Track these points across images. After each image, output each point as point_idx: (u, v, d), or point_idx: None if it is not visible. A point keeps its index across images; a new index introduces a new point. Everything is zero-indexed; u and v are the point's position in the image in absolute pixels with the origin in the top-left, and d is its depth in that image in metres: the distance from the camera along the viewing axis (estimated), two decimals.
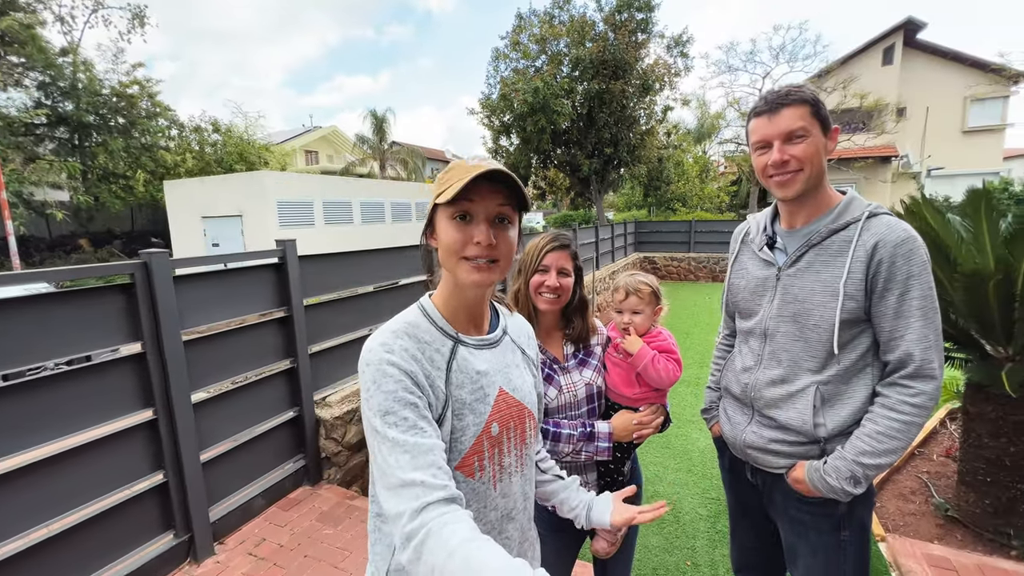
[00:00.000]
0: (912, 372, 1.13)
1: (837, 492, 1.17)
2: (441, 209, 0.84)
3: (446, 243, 0.84)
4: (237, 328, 2.68)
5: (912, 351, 1.12)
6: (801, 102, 1.15)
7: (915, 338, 1.12)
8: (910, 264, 1.12)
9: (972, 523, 2.74)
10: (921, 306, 1.12)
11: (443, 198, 0.81)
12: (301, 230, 11.71)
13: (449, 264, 0.85)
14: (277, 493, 2.91)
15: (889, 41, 20.24)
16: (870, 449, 1.14)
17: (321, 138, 30.37)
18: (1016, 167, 22.99)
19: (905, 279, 1.12)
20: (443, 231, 0.84)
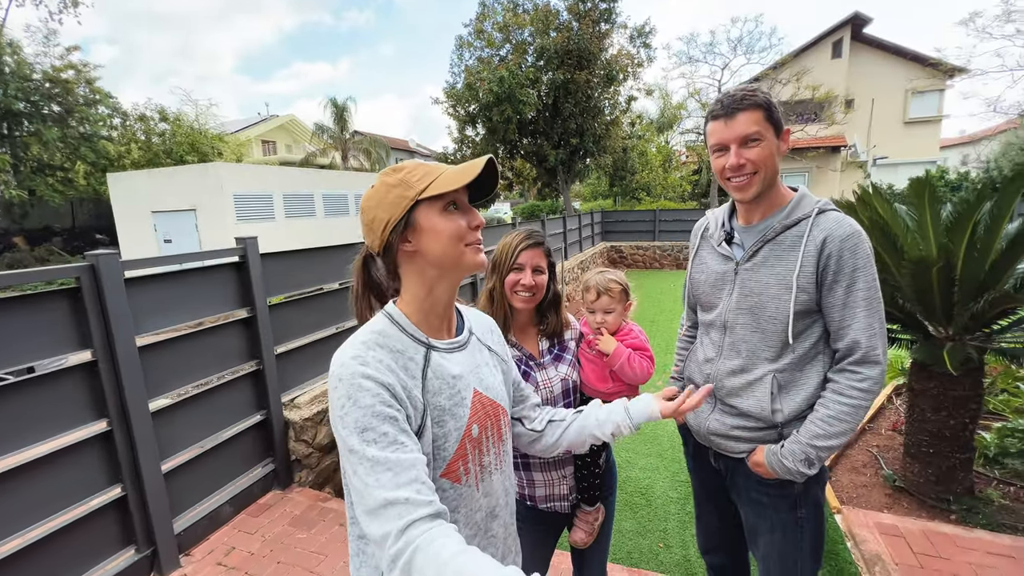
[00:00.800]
0: (859, 359, 1.20)
1: (793, 473, 1.24)
2: (426, 205, 0.82)
3: (450, 232, 0.83)
4: (197, 331, 2.56)
5: (859, 339, 1.20)
6: (755, 107, 1.20)
7: (861, 327, 1.20)
8: (856, 257, 1.19)
9: (917, 492, 2.95)
10: (866, 297, 1.20)
11: (439, 188, 0.80)
12: (260, 224, 11.25)
13: (453, 253, 0.84)
14: (246, 499, 2.82)
15: (838, 35, 21.12)
16: (822, 432, 1.21)
17: (279, 127, 29.18)
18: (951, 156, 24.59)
19: (851, 271, 1.20)
20: (439, 223, 0.83)
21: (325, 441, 3.17)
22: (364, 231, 0.87)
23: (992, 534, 2.57)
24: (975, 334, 2.69)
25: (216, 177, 10.67)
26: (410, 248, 0.85)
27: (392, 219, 0.83)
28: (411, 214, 0.83)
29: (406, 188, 0.82)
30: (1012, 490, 3.00)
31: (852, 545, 2.54)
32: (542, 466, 1.38)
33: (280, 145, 29.13)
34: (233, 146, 18.30)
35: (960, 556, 2.39)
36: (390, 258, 0.87)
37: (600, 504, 1.47)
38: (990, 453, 3.28)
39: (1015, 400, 3.81)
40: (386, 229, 0.84)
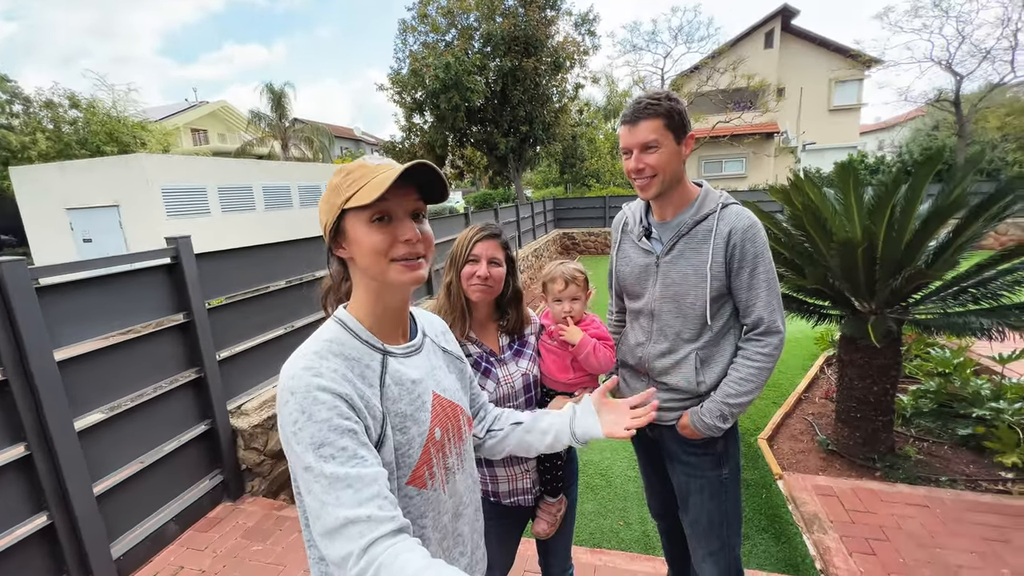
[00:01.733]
0: (764, 330, 1.39)
1: (711, 428, 1.42)
2: (354, 214, 0.78)
3: (370, 246, 0.78)
4: (128, 340, 2.37)
5: (762, 315, 1.38)
6: (655, 115, 1.31)
7: (763, 304, 1.38)
8: (755, 245, 1.36)
9: (847, 453, 3.22)
10: (766, 279, 1.38)
11: (358, 200, 0.75)
12: (194, 220, 10.51)
13: (376, 269, 0.80)
14: (193, 514, 2.66)
15: (769, 26, 22.18)
16: (734, 392, 1.40)
17: (209, 115, 27.25)
18: (869, 141, 26.63)
19: (753, 258, 1.37)
20: (363, 235, 0.78)
21: (277, 448, 3.03)
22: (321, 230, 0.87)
23: (910, 487, 2.86)
24: (894, 307, 2.95)
25: (141, 169, 9.82)
26: (345, 254, 0.83)
27: (327, 225, 0.82)
28: (340, 222, 0.80)
29: (336, 195, 0.79)
30: (925, 445, 3.34)
31: (793, 508, 2.74)
32: (505, 461, 1.39)
33: (212, 134, 27.25)
34: (158, 135, 16.89)
35: (885, 509, 2.64)
36: (337, 259, 0.87)
37: (563, 495, 1.49)
38: (907, 414, 3.64)
39: (926, 364, 4.23)
40: (326, 233, 0.83)
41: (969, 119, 17.96)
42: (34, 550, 2.00)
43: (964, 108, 17.79)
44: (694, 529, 1.56)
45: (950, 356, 4.03)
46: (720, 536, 1.53)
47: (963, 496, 2.75)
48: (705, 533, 1.53)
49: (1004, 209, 2.64)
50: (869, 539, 2.44)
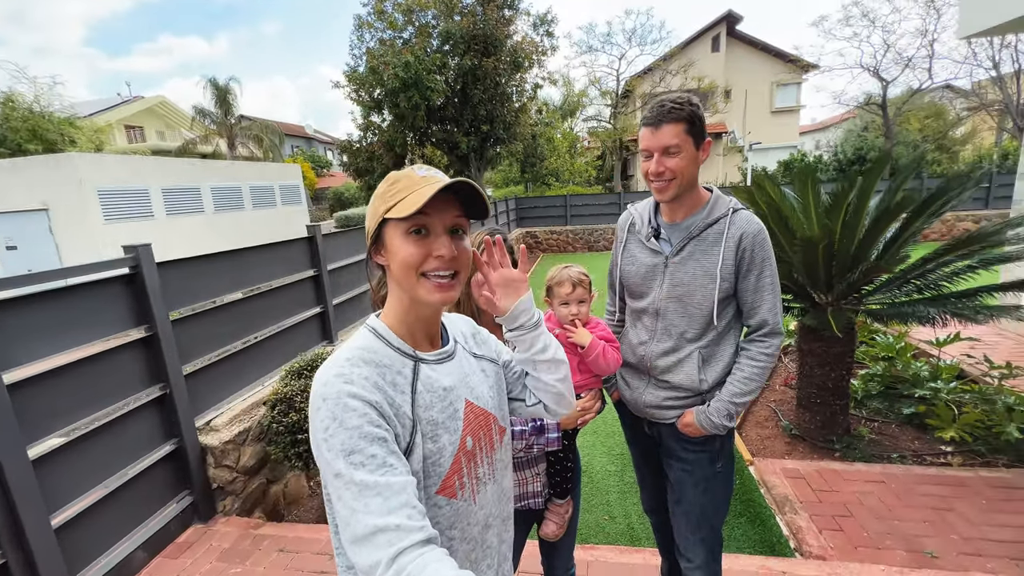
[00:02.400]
0: (768, 332, 1.46)
1: (718, 427, 1.47)
2: (393, 224, 0.80)
3: (403, 259, 0.79)
4: (85, 358, 2.19)
5: (767, 317, 1.45)
6: (678, 120, 1.35)
7: (768, 307, 1.45)
8: (763, 250, 1.43)
9: (809, 437, 3.43)
10: (771, 282, 1.45)
11: (396, 212, 0.77)
12: (136, 223, 9.80)
13: (407, 282, 0.81)
14: (161, 540, 2.50)
15: (716, 31, 23.19)
16: (739, 391, 1.46)
17: (146, 111, 25.51)
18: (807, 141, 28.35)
19: (761, 262, 1.43)
20: (398, 247, 0.80)
21: (251, 462, 2.90)
22: None
23: (867, 465, 3.08)
24: (849, 299, 3.17)
25: (73, 170, 9.05)
26: (383, 261, 0.85)
27: (369, 230, 0.84)
28: (381, 229, 0.83)
29: (381, 202, 0.81)
30: (876, 425, 3.61)
31: (765, 491, 2.89)
32: (516, 466, 1.39)
33: (149, 131, 25.53)
34: (89, 133, 15.64)
35: (847, 487, 2.84)
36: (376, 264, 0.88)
37: (569, 497, 1.52)
38: (858, 397, 3.92)
39: (872, 350, 4.57)
40: (368, 238, 0.85)
41: (894, 121, 19.51)
42: None
43: (890, 111, 19.31)
44: (687, 519, 1.61)
45: (893, 342, 4.37)
46: (711, 523, 1.60)
47: (912, 470, 2.99)
48: (697, 522, 1.60)
49: (944, 205, 2.90)
50: (836, 516, 2.61)
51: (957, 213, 12.62)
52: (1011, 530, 2.44)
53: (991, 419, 3.23)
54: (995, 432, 3.17)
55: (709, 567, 1.61)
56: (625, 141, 21.87)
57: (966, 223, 12.40)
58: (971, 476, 2.88)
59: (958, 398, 3.52)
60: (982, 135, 21.96)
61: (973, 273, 2.99)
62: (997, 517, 2.53)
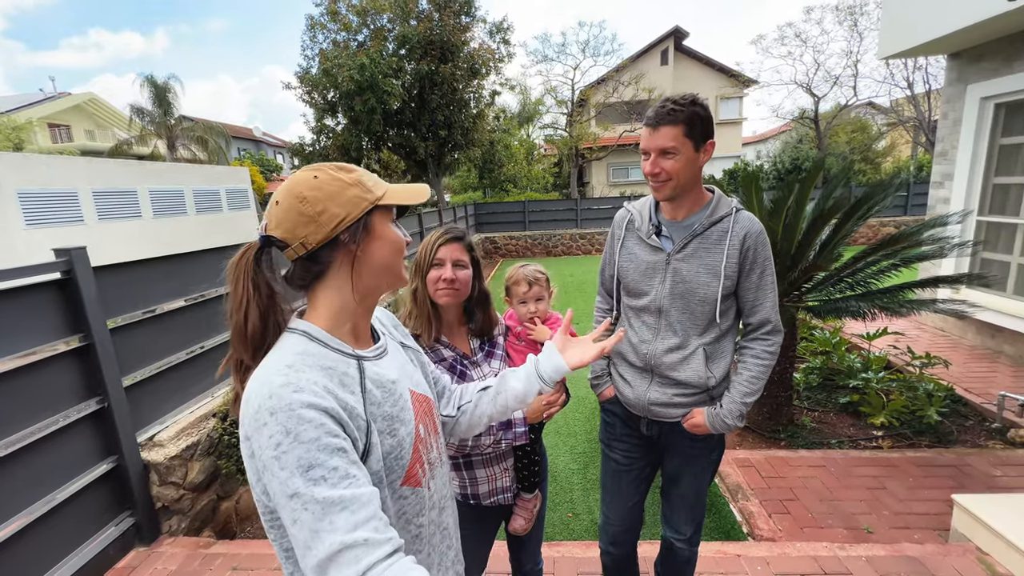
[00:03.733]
0: (770, 329, 1.50)
1: (730, 428, 1.51)
2: (381, 212, 0.82)
3: (398, 244, 0.84)
4: (8, 371, 2.01)
5: (769, 315, 1.49)
6: (675, 122, 1.34)
7: (770, 305, 1.49)
8: (766, 249, 1.46)
9: (757, 428, 3.63)
10: (772, 280, 1.48)
11: (398, 199, 0.82)
12: (64, 229, 9.06)
13: (396, 265, 0.85)
14: (99, 567, 2.32)
15: (664, 45, 24.26)
16: (748, 390, 1.49)
17: (73, 108, 23.65)
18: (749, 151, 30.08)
19: (763, 261, 1.46)
20: (391, 234, 0.83)
21: (199, 478, 2.74)
22: (298, 222, 0.75)
23: (809, 451, 3.30)
24: (791, 297, 3.39)
25: None
26: (356, 251, 0.79)
27: (350, 217, 0.77)
28: (368, 217, 0.80)
29: (365, 190, 0.79)
30: (816, 414, 3.87)
31: (719, 480, 3.03)
32: (484, 462, 1.40)
33: (77, 130, 23.68)
34: (6, 130, 14.34)
35: (793, 473, 3.02)
36: (326, 258, 0.78)
37: (537, 490, 1.54)
38: (800, 388, 4.18)
39: (811, 345, 4.89)
40: (339, 225, 0.76)
41: (825, 134, 21.08)
42: None
43: (821, 125, 20.85)
44: (683, 500, 1.66)
45: (829, 336, 4.71)
46: (702, 502, 1.68)
47: (849, 454, 3.23)
48: (691, 505, 1.67)
49: (869, 210, 3.16)
50: (783, 500, 2.78)
51: (881, 219, 13.76)
52: (933, 503, 2.68)
53: (914, 404, 3.54)
54: (918, 416, 3.48)
55: (695, 538, 1.70)
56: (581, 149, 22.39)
57: (888, 228, 13.54)
58: (899, 457, 3.15)
59: (886, 387, 3.83)
60: (900, 148, 24.09)
61: (896, 271, 3.28)
62: (921, 492, 2.78)
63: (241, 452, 0.71)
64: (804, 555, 2.23)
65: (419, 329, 1.34)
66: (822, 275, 3.34)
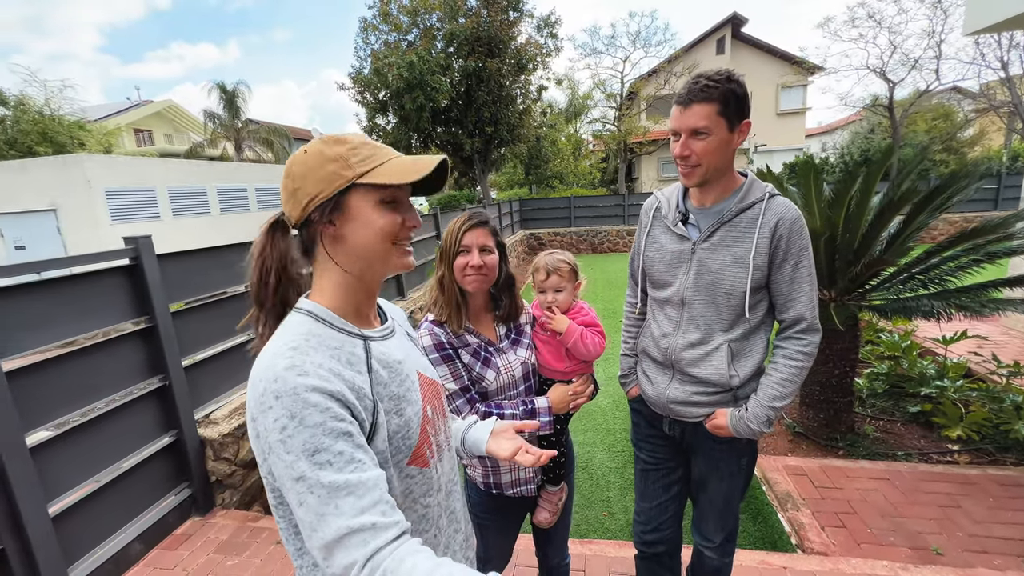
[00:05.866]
0: (805, 328, 1.36)
1: (756, 434, 1.39)
2: (363, 191, 0.75)
3: (381, 227, 0.76)
4: (85, 347, 2.20)
5: (804, 312, 1.35)
6: (709, 99, 1.24)
7: (805, 300, 1.35)
8: (802, 238, 1.32)
9: (812, 435, 3.39)
10: (809, 273, 1.34)
11: (382, 178, 0.73)
12: (143, 224, 9.90)
13: (378, 251, 0.77)
14: (159, 532, 2.50)
15: (720, 33, 23.15)
16: (778, 394, 1.36)
17: (155, 114, 25.77)
18: (813, 143, 28.22)
19: (798, 251, 1.32)
20: (373, 216, 0.75)
21: (249, 457, 2.90)
22: (284, 196, 0.77)
23: (871, 462, 3.04)
24: (852, 294, 3.13)
25: (81, 171, 9.17)
26: (333, 232, 0.76)
27: (320, 195, 0.73)
28: (343, 196, 0.74)
29: (343, 166, 0.73)
30: (881, 424, 3.57)
31: (767, 488, 2.86)
32: None
33: (158, 134, 25.79)
34: (98, 136, 15.82)
35: (850, 484, 2.80)
36: (306, 235, 0.79)
37: (564, 484, 1.50)
38: (863, 395, 3.87)
39: (877, 349, 4.51)
40: (311, 204, 0.74)
41: (901, 123, 19.36)
42: None
43: (897, 113, 19.17)
44: (711, 504, 1.57)
45: (898, 340, 4.32)
46: (733, 510, 1.57)
47: (918, 468, 2.95)
48: (720, 511, 1.56)
49: (946, 201, 2.86)
50: (839, 513, 2.57)
51: (965, 215, 12.50)
52: (1018, 527, 2.39)
53: (999, 417, 3.18)
54: (1003, 430, 3.12)
55: (726, 547, 1.59)
56: (630, 143, 21.84)
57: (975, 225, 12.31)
58: (978, 474, 2.83)
59: (965, 396, 3.47)
60: (991, 137, 21.74)
61: (978, 268, 2.95)
62: (1004, 515, 2.49)
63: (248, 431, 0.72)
64: (860, 572, 2.05)
65: (445, 316, 1.33)
66: (889, 271, 3.06)
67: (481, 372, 1.31)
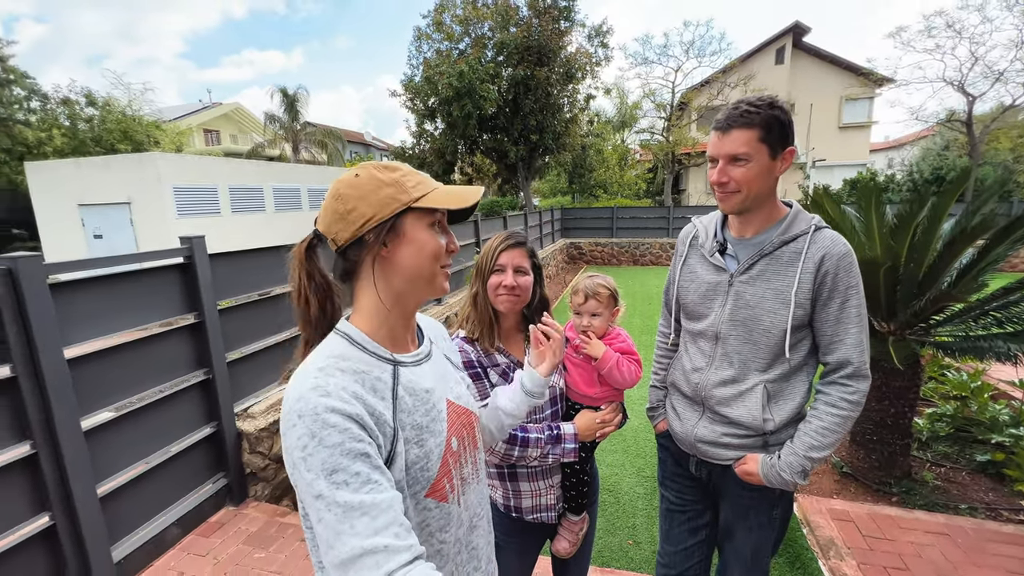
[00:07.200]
0: (851, 373, 1.25)
1: (789, 484, 1.29)
2: (417, 215, 0.79)
3: (432, 249, 0.80)
4: (138, 339, 2.34)
5: (851, 355, 1.24)
6: (749, 125, 1.19)
7: (853, 342, 1.24)
8: (850, 276, 1.23)
9: (862, 477, 3.14)
10: (858, 313, 1.24)
11: (437, 203, 0.79)
12: (204, 219, 10.56)
13: (426, 272, 0.80)
14: (195, 519, 2.62)
15: (780, 43, 22.26)
16: (817, 444, 1.25)
17: (223, 116, 27.53)
18: (878, 159, 26.56)
19: (846, 289, 1.23)
20: (425, 238, 0.80)
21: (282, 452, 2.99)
22: (332, 218, 0.78)
23: (928, 514, 2.78)
24: (914, 329, 2.89)
25: (154, 168, 9.91)
26: (384, 253, 0.79)
27: (377, 217, 0.76)
28: (398, 219, 0.78)
29: (400, 191, 0.77)
30: (943, 471, 3.26)
31: (808, 531, 2.66)
32: (529, 476, 1.35)
33: (224, 135, 27.51)
34: (171, 135, 17.08)
35: (903, 536, 2.56)
36: (353, 256, 0.80)
37: (585, 514, 1.45)
38: (923, 438, 3.55)
39: (941, 387, 4.15)
40: (365, 225, 0.77)
41: (981, 140, 17.89)
42: (36, 551, 1.96)
43: (976, 129, 17.73)
44: (736, 555, 1.47)
45: (967, 380, 3.95)
46: (762, 565, 1.46)
47: (984, 525, 2.66)
48: (747, 565, 1.45)
49: None
50: (888, 568, 2.36)
51: None
52: None
53: None
54: None
55: None
56: (678, 154, 21.32)
57: None
58: None
59: None
60: None
61: None
62: None
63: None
64: None
65: (477, 334, 1.32)
66: (959, 306, 2.80)
67: None
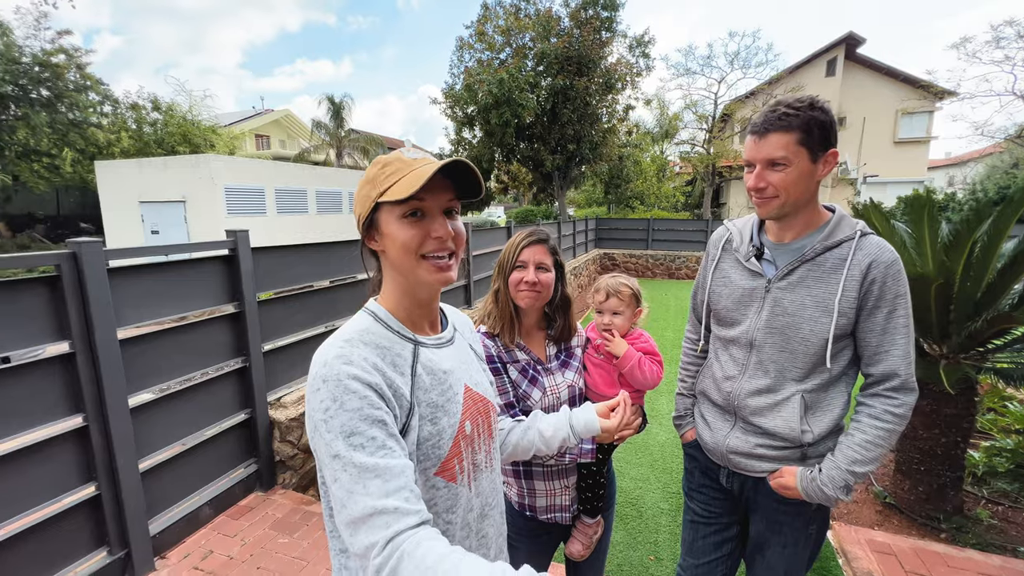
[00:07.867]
0: (897, 385, 1.19)
1: (831, 500, 1.23)
2: (388, 208, 0.79)
3: (403, 242, 0.78)
4: (183, 325, 2.48)
5: (897, 367, 1.18)
6: (788, 128, 1.15)
7: (900, 354, 1.18)
8: (898, 284, 1.18)
9: (907, 509, 2.94)
10: (905, 324, 1.18)
11: (392, 195, 0.75)
12: (251, 218, 11.10)
13: (406, 265, 0.80)
14: (226, 501, 2.72)
15: (832, 54, 21.47)
16: (860, 458, 1.20)
17: (273, 122, 28.93)
18: (938, 176, 25.09)
19: (894, 298, 1.17)
20: (395, 230, 0.79)
21: None
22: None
23: (982, 554, 2.56)
24: (969, 353, 2.70)
25: (208, 169, 10.51)
26: (377, 247, 0.84)
27: (361, 215, 0.82)
28: (374, 215, 0.80)
29: (373, 187, 0.79)
30: (1000, 509, 3.01)
31: (844, 562, 2.51)
32: (545, 475, 1.34)
33: (274, 140, 28.87)
34: (226, 139, 18.08)
35: (952, 575, 2.38)
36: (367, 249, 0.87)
37: (600, 517, 1.42)
38: (979, 472, 3.30)
39: (1002, 420, 3.84)
40: (360, 223, 0.83)
41: None
42: (80, 518, 2.09)
43: None
44: (769, 573, 1.40)
45: None
46: None
47: None
48: None
49: None
50: None
51: None
52: None
53: None
54: None
55: None
56: (719, 167, 20.82)
57: None
58: None
59: None
60: None
61: None
62: None
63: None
64: None
65: (498, 329, 1.33)
66: (1022, 330, 2.60)
67: (527, 390, 1.29)
